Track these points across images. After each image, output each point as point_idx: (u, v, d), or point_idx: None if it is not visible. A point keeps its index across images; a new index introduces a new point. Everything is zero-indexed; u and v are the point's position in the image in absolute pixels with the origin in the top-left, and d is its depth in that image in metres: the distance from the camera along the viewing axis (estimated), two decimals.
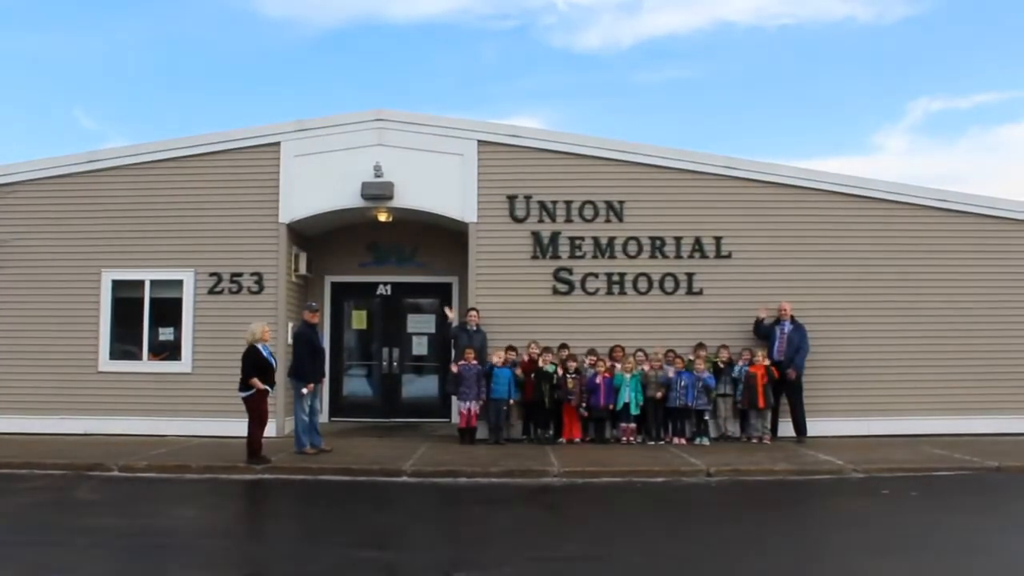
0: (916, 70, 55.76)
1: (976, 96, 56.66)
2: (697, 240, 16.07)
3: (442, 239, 17.62)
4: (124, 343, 16.23)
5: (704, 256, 16.06)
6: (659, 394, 15.03)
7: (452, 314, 16.42)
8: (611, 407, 15.03)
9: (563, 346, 15.47)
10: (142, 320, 16.18)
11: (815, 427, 15.28)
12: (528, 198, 16.12)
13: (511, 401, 15.09)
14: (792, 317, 15.41)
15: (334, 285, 18.34)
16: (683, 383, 14.92)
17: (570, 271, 16.06)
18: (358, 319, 18.53)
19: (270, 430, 14.47)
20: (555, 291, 16.04)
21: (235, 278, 16.15)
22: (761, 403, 15.05)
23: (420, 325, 18.48)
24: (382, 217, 16.84)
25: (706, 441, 14.95)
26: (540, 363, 15.13)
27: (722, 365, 15.29)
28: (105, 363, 16.13)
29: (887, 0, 53.93)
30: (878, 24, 54.68)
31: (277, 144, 16.27)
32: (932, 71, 56.54)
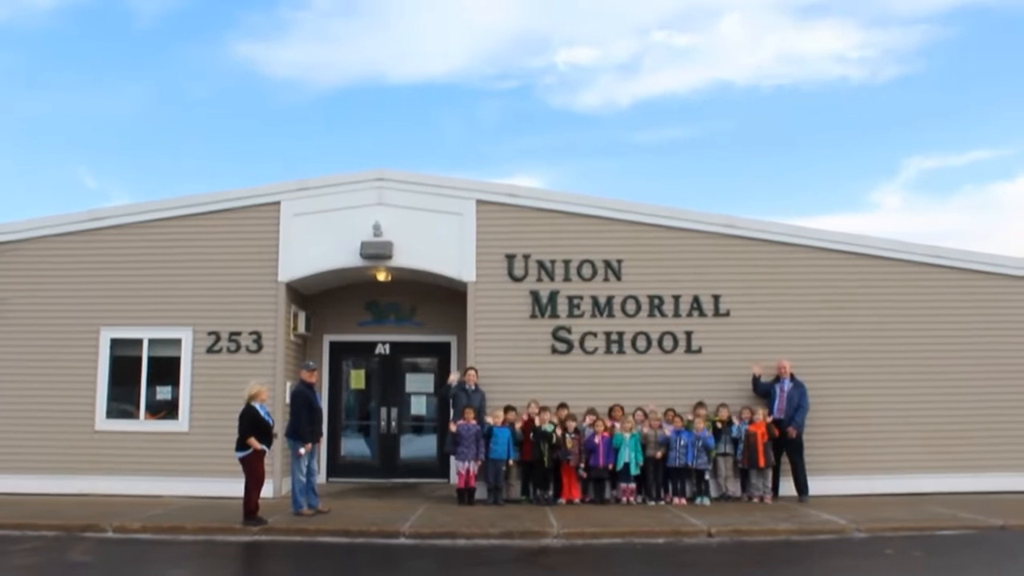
0: (910, 128, 56.37)
1: (969, 154, 57.19)
2: (695, 298, 16.09)
3: (441, 298, 17.63)
4: (121, 402, 16.15)
5: (703, 314, 16.07)
6: (659, 454, 14.92)
7: (453, 375, 16.34)
8: (611, 467, 14.90)
9: (562, 405, 15.39)
10: (139, 379, 16.12)
11: (817, 486, 15.15)
12: (527, 257, 16.16)
13: (510, 461, 14.97)
14: (792, 375, 15.36)
15: (332, 344, 18.30)
16: (683, 442, 14.82)
17: (569, 330, 16.05)
18: (356, 378, 18.46)
19: (267, 491, 14.35)
20: (554, 350, 16.01)
21: (234, 337, 16.13)
22: (762, 462, 14.94)
23: (419, 384, 18.41)
24: (381, 276, 16.87)
25: (707, 501, 14.81)
26: (539, 423, 15.04)
27: (721, 424, 15.20)
28: (101, 422, 16.03)
29: (879, 61, 54.67)
30: (871, 84, 55.36)
31: (277, 203, 16.36)
32: (925, 129, 57.15)
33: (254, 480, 12.82)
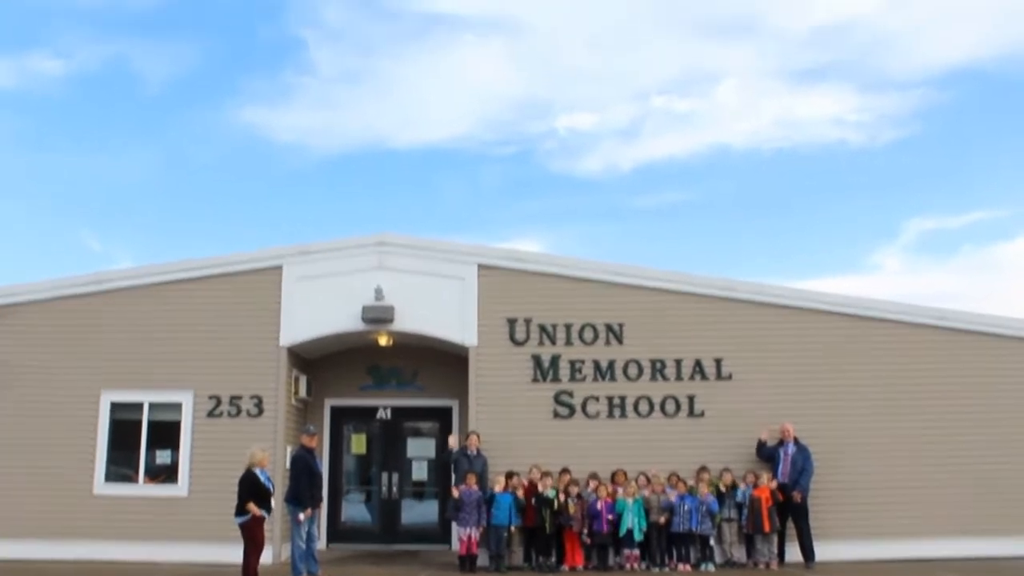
0: (908, 190, 56.76)
1: (967, 215, 57.50)
2: (697, 362, 16.07)
3: (442, 362, 17.60)
4: (120, 466, 16.05)
5: (705, 378, 16.03)
6: (662, 519, 14.77)
7: (453, 440, 16.23)
8: (614, 533, 14.75)
9: (564, 470, 15.27)
10: (139, 442, 16.06)
11: (823, 551, 14.96)
12: (528, 321, 16.18)
13: (512, 527, 14.81)
14: (795, 438, 15.27)
15: (333, 408, 18.22)
16: (687, 507, 14.69)
17: (571, 394, 16.00)
18: (357, 443, 18.36)
19: (267, 557, 14.16)
20: (556, 415, 15.95)
21: (235, 401, 16.09)
22: (767, 527, 14.77)
23: (420, 449, 18.29)
24: (383, 341, 16.87)
25: (711, 567, 14.62)
26: (541, 488, 14.92)
27: (725, 489, 15.07)
28: (100, 486, 15.91)
29: (877, 124, 55.23)
30: (870, 147, 55.86)
31: (279, 267, 16.44)
32: (924, 191, 57.56)
33: (253, 546, 12.66)
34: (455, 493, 14.97)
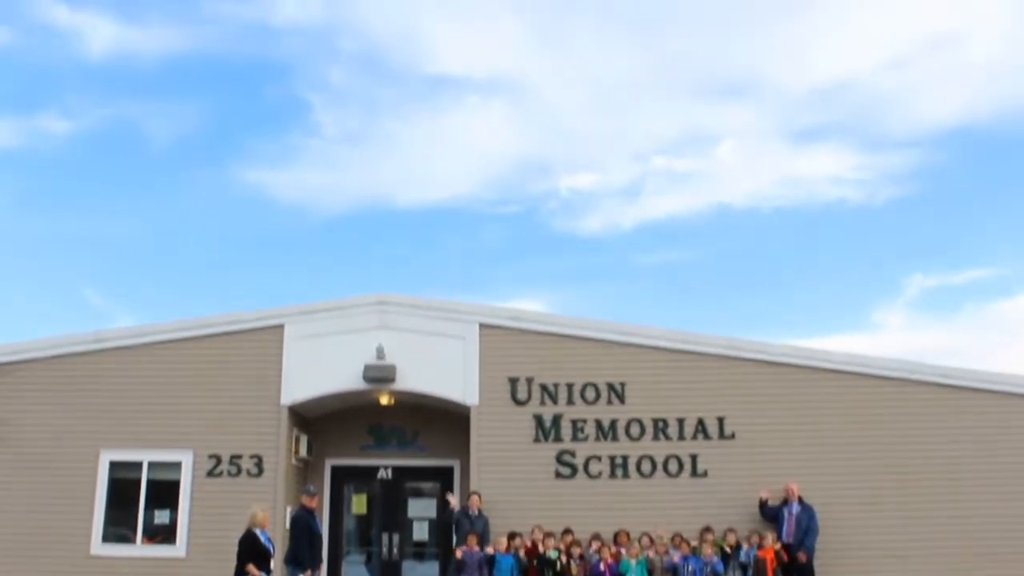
0: (910, 248, 56.97)
1: (969, 272, 57.66)
2: (700, 421, 16.01)
3: (444, 421, 17.52)
4: (118, 526, 15.92)
5: (707, 437, 15.96)
6: None
7: (454, 500, 16.10)
8: None
9: (567, 531, 15.13)
10: (138, 502, 15.95)
11: None
12: (530, 381, 16.17)
13: None
14: (800, 498, 15.15)
15: (334, 468, 18.07)
16: (691, 568, 14.52)
17: (573, 454, 15.92)
18: (358, 503, 18.19)
19: None
20: (558, 475, 15.86)
21: (235, 460, 16.01)
22: None
23: (421, 510, 18.11)
24: (384, 400, 16.83)
25: None
26: (543, 549, 14.78)
27: (729, 549, 14.91)
28: (97, 546, 15.76)
29: (876, 183, 55.62)
30: (870, 205, 56.20)
31: (281, 326, 16.47)
32: (925, 248, 57.76)
33: None
34: (457, 554, 14.81)
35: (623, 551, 14.81)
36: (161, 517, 15.95)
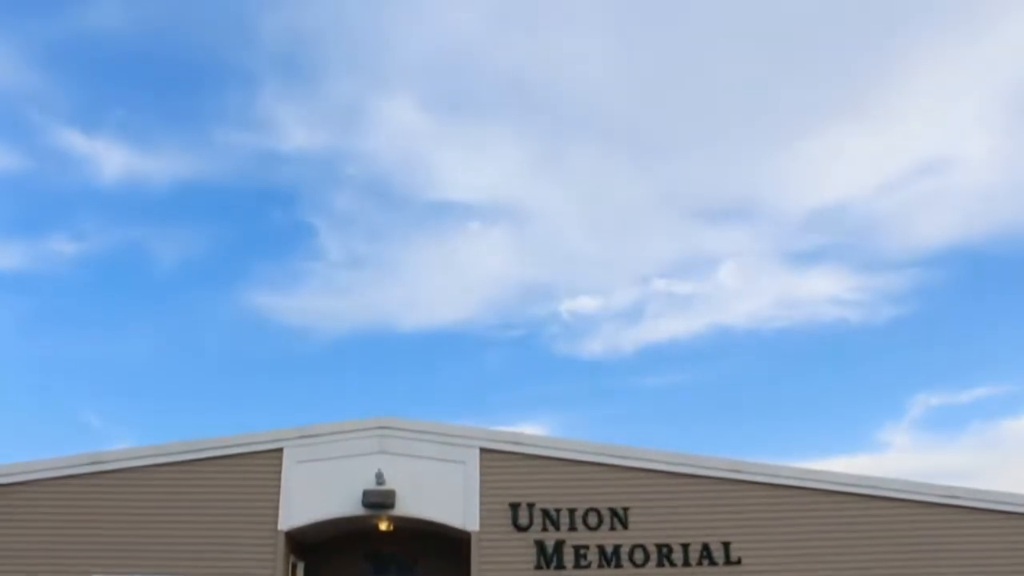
0: (912, 367, 56.83)
1: (974, 391, 57.38)
2: (705, 546, 15.71)
3: (444, 547, 17.20)
4: None
5: (713, 563, 15.64)
6: None
7: None
8: None
9: None
10: None
11: None
12: (531, 506, 15.94)
13: None
14: None
15: None
16: None
17: None
18: None
19: None
20: None
21: None
22: None
23: None
24: (383, 526, 16.59)
25: None
26: None
27: None
28: None
29: (875, 303, 55.88)
30: (870, 324, 56.30)
31: (279, 450, 16.32)
32: (928, 368, 57.59)
33: None
34: None
35: None
36: None
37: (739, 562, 15.65)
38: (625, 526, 15.85)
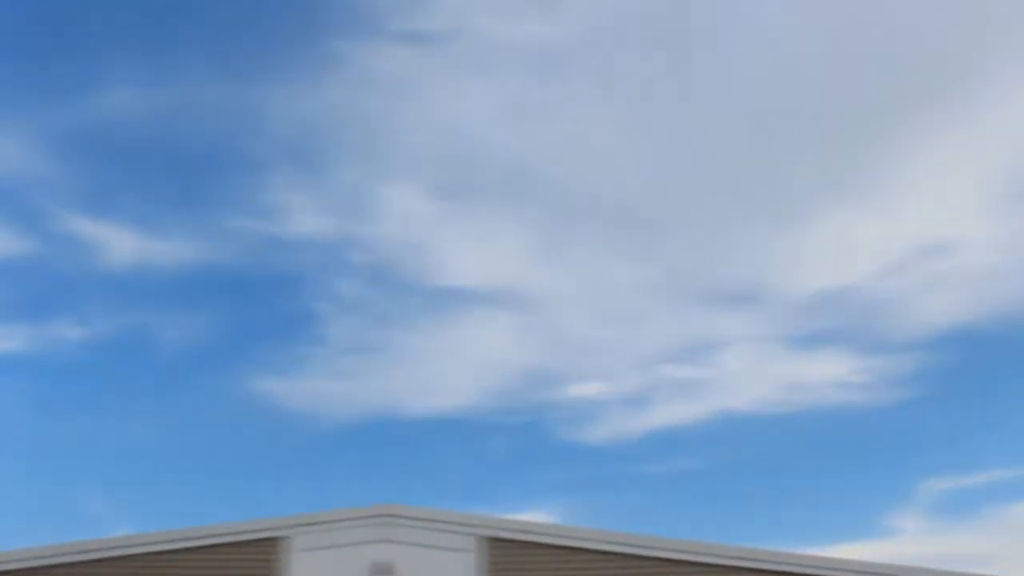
0: (920, 450, 56.44)
1: (983, 474, 56.83)
2: None
3: None
4: None
5: None
6: None
7: None
8: None
9: None
10: None
11: None
12: None
13: None
14: None
15: None
16: None
17: None
18: None
19: None
20: None
21: None
22: None
23: None
24: None
25: None
26: None
27: None
28: None
29: (881, 386, 55.77)
30: (876, 408, 56.08)
31: (281, 538, 16.10)
32: (935, 451, 57.18)
33: None
34: None
35: None
36: None
37: None
38: None
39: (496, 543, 15.96)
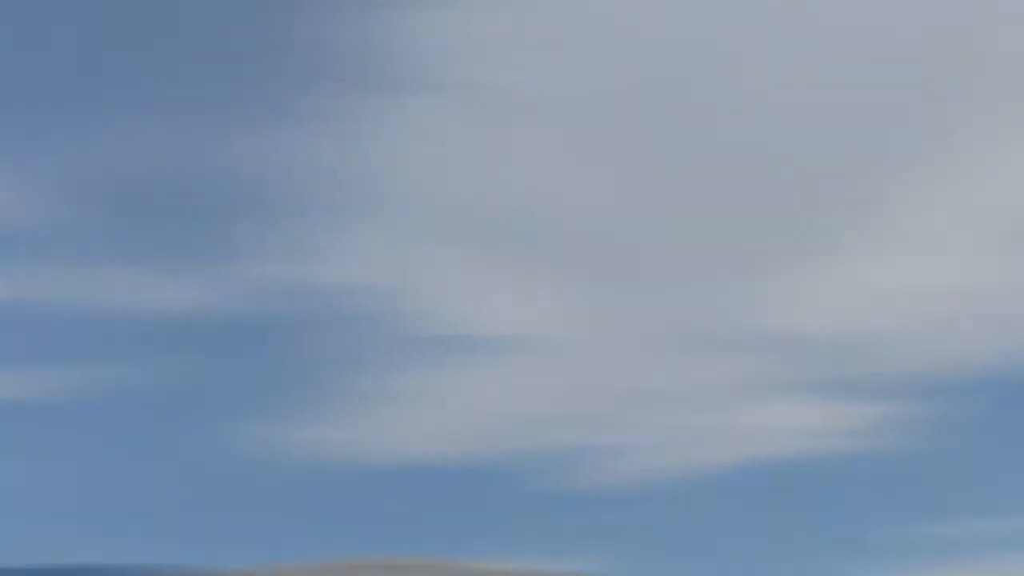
0: (920, 494, 56.85)
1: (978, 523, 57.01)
2: None
3: None
4: None
5: None
6: None
7: None
8: None
9: None
10: None
11: None
12: None
13: None
14: None
15: None
16: None
17: None
18: None
19: None
20: None
21: None
22: None
23: None
24: None
25: None
26: None
27: None
28: None
29: (879, 431, 56.44)
30: (887, 452, 56.54)
31: None
32: (934, 495, 57.53)
33: None
34: None
35: None
36: None
37: None
38: None
39: None
